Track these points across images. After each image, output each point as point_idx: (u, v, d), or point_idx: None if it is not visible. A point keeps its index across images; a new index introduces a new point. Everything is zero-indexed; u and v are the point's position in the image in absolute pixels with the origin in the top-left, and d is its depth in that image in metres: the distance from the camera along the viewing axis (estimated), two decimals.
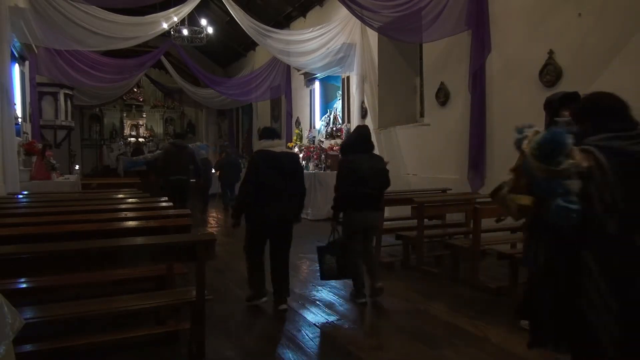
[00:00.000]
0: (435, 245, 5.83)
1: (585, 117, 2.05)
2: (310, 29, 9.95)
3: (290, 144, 11.95)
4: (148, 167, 8.73)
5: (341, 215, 4.31)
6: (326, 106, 11.59)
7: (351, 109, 9.93)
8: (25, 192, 6.17)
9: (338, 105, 10.77)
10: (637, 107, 2.12)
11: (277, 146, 4.15)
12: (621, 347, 1.93)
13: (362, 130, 4.50)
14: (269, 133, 4.25)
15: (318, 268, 4.39)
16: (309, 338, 3.48)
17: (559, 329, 2.05)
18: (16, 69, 7.83)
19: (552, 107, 3.34)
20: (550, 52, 5.62)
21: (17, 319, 1.61)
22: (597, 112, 2.03)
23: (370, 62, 9.21)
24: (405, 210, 5.62)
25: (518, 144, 2.00)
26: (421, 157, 7.95)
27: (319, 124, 11.51)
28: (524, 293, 2.28)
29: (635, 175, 1.90)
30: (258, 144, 4.32)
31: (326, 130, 10.82)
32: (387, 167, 4.42)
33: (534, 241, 2.11)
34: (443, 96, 7.48)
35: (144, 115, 18.63)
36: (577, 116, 2.11)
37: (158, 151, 9.67)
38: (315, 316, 3.96)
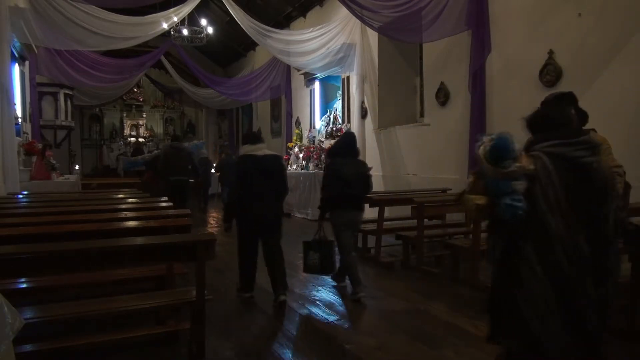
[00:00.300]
0: (435, 245, 5.84)
1: (536, 128, 2.29)
2: (310, 29, 9.95)
3: (290, 144, 11.96)
4: (147, 167, 8.80)
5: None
6: (326, 106, 11.59)
7: (351, 109, 9.93)
8: (25, 192, 6.17)
9: (338, 105, 10.77)
10: (637, 107, 2.12)
11: (259, 150, 4.34)
12: (559, 345, 2.07)
13: (349, 136, 4.83)
14: (252, 138, 4.48)
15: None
16: (309, 338, 3.48)
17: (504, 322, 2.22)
18: (16, 69, 7.83)
19: (547, 107, 3.35)
20: (550, 52, 5.62)
21: (17, 319, 1.62)
22: (546, 124, 2.28)
23: (370, 62, 9.21)
24: (405, 210, 5.63)
25: (477, 150, 2.16)
26: (421, 157, 7.95)
27: (319, 124, 11.51)
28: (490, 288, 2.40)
29: (575, 178, 2.11)
30: (242, 149, 4.57)
31: (326, 130, 10.82)
32: (373, 171, 4.63)
33: (492, 237, 2.32)
34: (443, 96, 7.47)
35: (144, 115, 18.63)
36: (530, 127, 2.34)
37: (156, 151, 9.79)
38: (315, 316, 3.96)
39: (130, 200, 5.41)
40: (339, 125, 10.37)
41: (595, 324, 2.11)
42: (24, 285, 3.38)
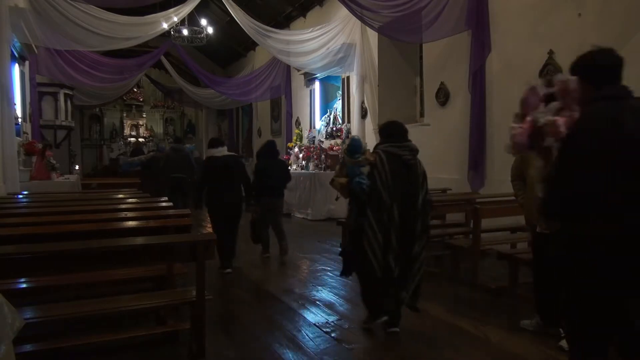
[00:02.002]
0: (435, 245, 5.83)
1: (382, 135, 3.59)
2: (310, 29, 9.95)
3: (290, 144, 11.97)
4: (142, 168, 8.99)
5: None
6: (326, 106, 11.59)
7: (351, 109, 9.93)
8: (25, 192, 6.17)
9: (338, 105, 10.77)
10: None
11: (220, 152, 5.51)
12: (384, 271, 3.30)
13: (271, 143, 6.41)
14: (214, 143, 5.67)
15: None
16: (309, 338, 3.48)
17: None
18: (16, 69, 7.82)
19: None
20: (550, 52, 5.62)
21: (17, 319, 1.62)
22: (387, 133, 3.57)
23: (370, 62, 9.21)
24: None
25: (342, 148, 3.51)
26: (421, 157, 7.88)
27: (319, 124, 11.51)
28: None
29: (399, 168, 3.36)
30: (207, 152, 5.73)
31: (326, 130, 10.82)
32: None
33: (350, 205, 3.49)
34: (443, 96, 7.47)
35: (144, 115, 18.64)
36: (379, 134, 3.63)
37: (151, 153, 10.06)
38: (315, 316, 3.96)
39: (130, 200, 5.42)
40: (339, 125, 10.36)
41: (394, 268, 3.30)
42: (24, 285, 3.38)
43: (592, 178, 1.93)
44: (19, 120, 7.68)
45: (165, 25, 9.30)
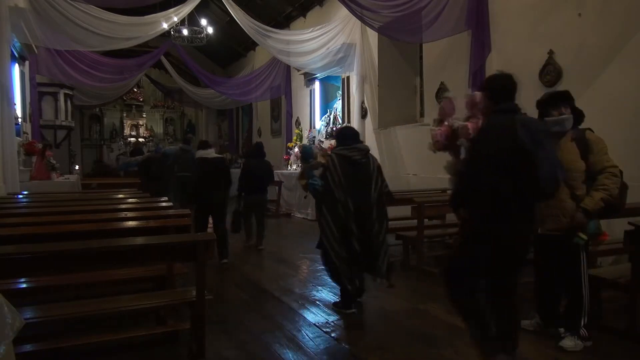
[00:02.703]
0: (435, 245, 5.83)
1: (336, 140, 4.25)
2: (310, 29, 9.94)
3: (290, 144, 11.97)
4: (139, 168, 9.09)
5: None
6: (326, 106, 11.58)
7: (351, 109, 9.93)
8: (25, 192, 6.17)
9: (338, 105, 10.76)
10: (637, 107, 2.14)
11: (208, 154, 6.11)
12: (349, 254, 3.86)
13: (258, 145, 7.23)
14: (204, 145, 6.36)
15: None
16: (309, 338, 3.48)
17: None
18: (16, 69, 7.82)
19: (542, 106, 3.36)
20: (550, 52, 5.62)
21: (17, 319, 1.61)
22: (340, 137, 4.17)
23: (370, 62, 9.21)
24: (405, 210, 5.62)
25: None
26: (421, 157, 7.94)
27: (319, 124, 11.51)
28: None
29: (350, 168, 3.89)
30: (197, 153, 6.24)
31: (326, 130, 10.82)
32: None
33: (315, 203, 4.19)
34: (443, 96, 7.47)
35: (144, 115, 18.62)
36: (335, 139, 4.35)
37: (147, 153, 10.23)
38: (315, 316, 3.96)
39: (130, 200, 5.41)
40: (339, 125, 10.36)
41: (359, 249, 3.84)
42: (24, 285, 3.38)
43: (487, 177, 2.55)
44: (19, 120, 7.67)
45: (165, 25, 9.29)
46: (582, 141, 3.16)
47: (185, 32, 10.95)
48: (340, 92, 10.58)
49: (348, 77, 9.98)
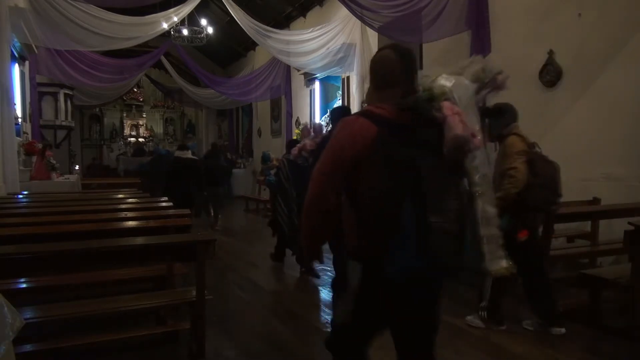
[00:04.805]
0: None
1: (287, 146, 5.92)
2: (310, 29, 9.93)
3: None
4: (139, 170, 9.25)
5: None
6: (326, 106, 11.57)
7: (351, 109, 9.92)
8: (25, 192, 6.17)
9: (338, 105, 10.76)
10: (637, 107, 2.13)
11: (185, 154, 7.92)
12: (290, 228, 5.23)
13: (215, 146, 9.41)
14: (181, 147, 8.28)
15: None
16: (309, 338, 3.48)
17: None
18: (16, 69, 7.82)
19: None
20: (550, 52, 5.62)
21: (17, 319, 1.61)
22: (287, 146, 5.64)
23: None
24: None
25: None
26: None
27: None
28: None
29: (296, 170, 5.11)
30: (175, 153, 8.03)
31: (326, 130, 10.80)
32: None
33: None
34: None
35: (144, 115, 18.62)
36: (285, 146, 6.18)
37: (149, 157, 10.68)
38: (315, 316, 3.96)
39: (130, 200, 5.42)
40: None
41: (297, 222, 4.80)
42: (24, 285, 3.38)
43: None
44: (19, 120, 7.67)
45: (165, 25, 9.29)
46: (502, 145, 3.47)
47: (185, 32, 10.94)
48: (340, 92, 10.58)
49: (348, 77, 9.97)
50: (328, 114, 11.09)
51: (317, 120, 11.66)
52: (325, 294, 4.56)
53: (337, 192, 1.78)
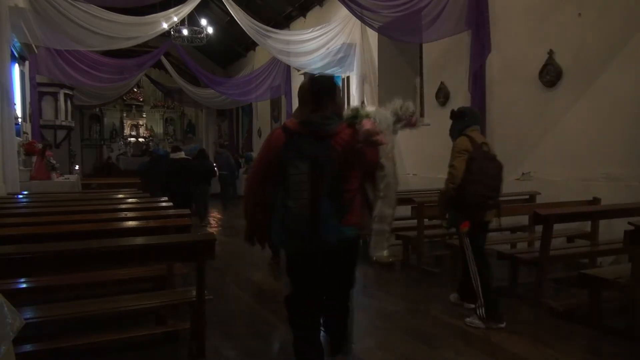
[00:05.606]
0: (435, 245, 5.83)
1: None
2: (310, 29, 9.94)
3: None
4: (138, 170, 9.29)
5: None
6: None
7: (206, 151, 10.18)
8: (25, 192, 6.17)
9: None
10: (637, 107, 2.13)
11: (178, 155, 8.48)
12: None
13: (201, 150, 9.55)
14: (174, 149, 8.91)
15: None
16: None
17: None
18: (16, 69, 7.82)
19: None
20: (550, 52, 5.62)
21: (17, 319, 1.61)
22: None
23: (370, 62, 9.20)
24: (405, 210, 5.62)
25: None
26: (421, 157, 7.95)
27: None
28: None
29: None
30: (170, 155, 8.60)
31: None
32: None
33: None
34: (443, 96, 7.47)
35: (144, 115, 18.64)
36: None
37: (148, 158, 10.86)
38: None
39: (130, 200, 5.41)
40: None
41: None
42: (24, 285, 3.38)
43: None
44: (19, 120, 7.67)
45: (165, 25, 9.29)
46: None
47: (185, 32, 10.95)
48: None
49: (348, 77, 9.97)
50: None
51: None
52: None
53: (264, 187, 2.47)
